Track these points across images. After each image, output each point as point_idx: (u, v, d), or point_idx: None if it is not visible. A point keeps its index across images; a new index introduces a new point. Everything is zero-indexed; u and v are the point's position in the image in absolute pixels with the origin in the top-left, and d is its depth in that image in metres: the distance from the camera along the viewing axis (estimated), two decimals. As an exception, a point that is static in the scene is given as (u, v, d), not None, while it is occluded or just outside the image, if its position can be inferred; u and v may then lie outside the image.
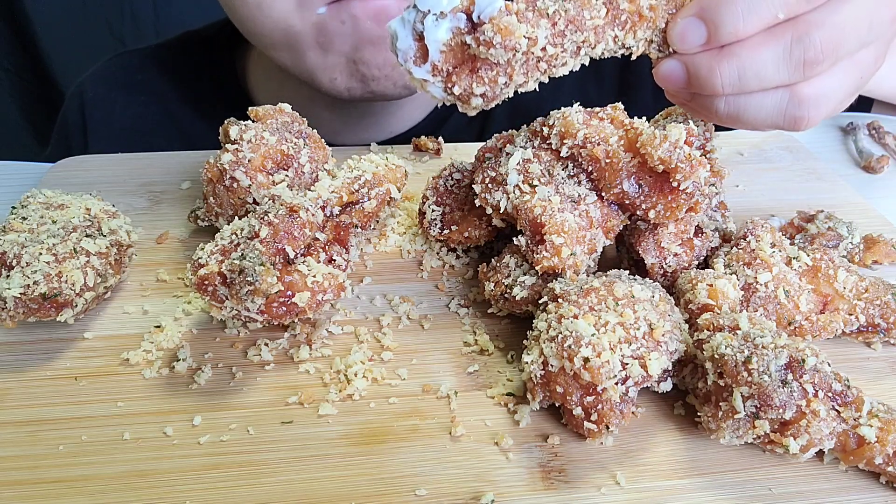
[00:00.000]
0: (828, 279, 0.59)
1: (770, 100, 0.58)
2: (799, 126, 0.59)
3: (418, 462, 0.50)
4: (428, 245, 0.71)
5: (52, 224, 0.60)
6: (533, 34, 0.54)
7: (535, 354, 0.51)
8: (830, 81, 0.58)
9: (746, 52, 0.56)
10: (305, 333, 0.60)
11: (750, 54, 0.56)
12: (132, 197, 0.77)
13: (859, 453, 0.48)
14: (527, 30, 0.54)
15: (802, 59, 0.55)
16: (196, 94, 1.08)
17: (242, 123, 0.67)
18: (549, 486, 0.49)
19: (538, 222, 0.57)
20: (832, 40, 0.55)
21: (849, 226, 0.68)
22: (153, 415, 0.53)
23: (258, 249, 0.53)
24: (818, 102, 0.58)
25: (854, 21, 0.55)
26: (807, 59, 0.55)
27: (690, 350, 0.53)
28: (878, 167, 0.89)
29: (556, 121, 0.60)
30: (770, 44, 0.55)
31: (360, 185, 0.65)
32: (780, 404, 0.46)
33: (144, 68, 1.11)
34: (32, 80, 1.91)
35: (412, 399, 0.55)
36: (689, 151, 0.55)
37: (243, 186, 0.64)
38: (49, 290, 0.54)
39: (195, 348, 0.58)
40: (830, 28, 0.55)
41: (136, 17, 1.84)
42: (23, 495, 0.47)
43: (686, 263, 0.61)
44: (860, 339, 0.60)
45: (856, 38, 0.56)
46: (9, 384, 0.55)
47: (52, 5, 1.80)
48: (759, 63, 0.56)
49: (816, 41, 0.55)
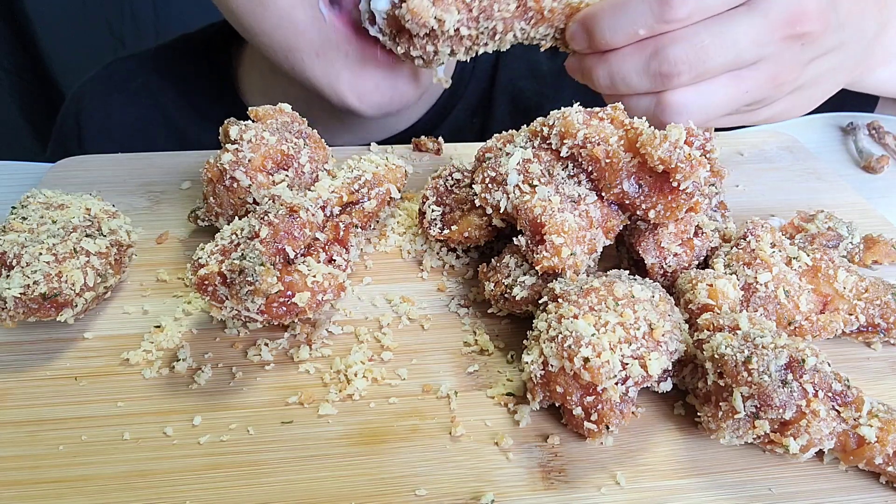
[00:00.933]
0: (828, 279, 0.59)
1: (641, 102, 0.67)
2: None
3: (418, 462, 0.50)
4: (428, 245, 0.71)
5: (52, 224, 0.60)
6: (442, 17, 0.66)
7: (535, 354, 0.51)
8: (697, 92, 0.65)
9: (615, 60, 0.66)
10: (305, 333, 0.60)
11: (617, 62, 0.66)
12: (132, 197, 0.77)
13: (859, 453, 0.48)
14: (436, 13, 0.66)
15: (658, 71, 0.64)
16: (194, 98, 1.08)
17: (242, 123, 0.67)
18: (549, 486, 0.49)
19: (538, 222, 0.57)
20: (688, 57, 0.63)
21: (849, 226, 0.68)
22: (153, 415, 0.53)
23: (258, 249, 0.53)
24: (683, 110, 0.66)
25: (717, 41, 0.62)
26: (662, 71, 0.63)
27: (690, 350, 0.53)
28: (878, 167, 0.89)
29: (556, 121, 0.60)
30: (633, 55, 0.65)
31: (360, 185, 0.65)
32: (780, 404, 0.46)
33: (142, 72, 1.11)
34: (32, 80, 1.91)
35: (412, 399, 0.55)
36: (689, 151, 0.55)
37: (243, 186, 0.64)
38: (49, 290, 0.54)
39: (195, 348, 0.58)
40: (688, 46, 0.62)
41: (136, 17, 1.84)
42: (23, 495, 0.47)
43: (686, 263, 0.61)
44: (860, 339, 0.60)
45: (722, 57, 0.63)
46: (9, 384, 0.55)
47: (52, 5, 1.80)
48: (625, 71, 0.65)
49: (671, 56, 0.63)
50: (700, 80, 0.65)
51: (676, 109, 0.66)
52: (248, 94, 1.07)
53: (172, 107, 1.08)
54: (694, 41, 0.62)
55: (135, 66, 1.13)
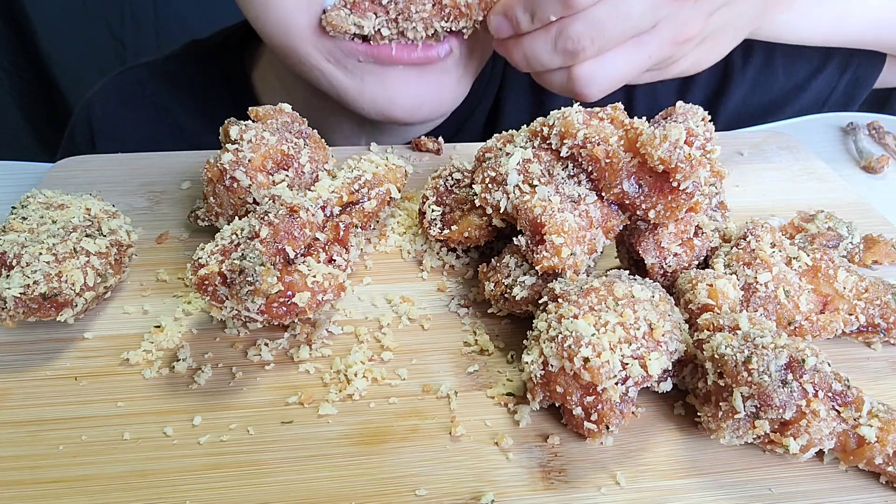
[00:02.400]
0: (828, 279, 0.59)
1: (554, 78, 0.76)
2: (584, 98, 0.75)
3: (418, 462, 0.50)
4: (428, 245, 0.71)
5: (52, 224, 0.60)
6: (360, 23, 0.74)
7: (535, 354, 0.51)
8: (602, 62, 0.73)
9: (527, 43, 0.73)
10: (305, 333, 0.60)
11: (530, 44, 0.73)
12: (132, 197, 0.77)
13: (859, 453, 0.48)
14: (354, 20, 0.74)
15: (564, 48, 0.71)
16: (208, 107, 1.05)
17: (243, 123, 0.67)
18: (549, 486, 0.49)
19: (538, 222, 0.57)
20: (589, 33, 0.70)
21: (849, 226, 0.68)
22: (153, 415, 0.53)
23: (258, 249, 0.53)
24: (592, 80, 0.73)
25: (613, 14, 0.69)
26: (568, 48, 0.71)
27: (690, 350, 0.53)
28: (878, 167, 0.89)
29: (556, 121, 0.60)
30: (542, 37, 0.72)
31: (360, 185, 0.65)
32: (780, 404, 0.46)
33: (152, 83, 1.09)
34: (32, 80, 1.91)
35: (412, 399, 0.55)
36: (689, 151, 0.55)
37: (243, 186, 0.64)
38: (49, 289, 0.54)
39: (195, 348, 0.58)
40: (587, 23, 0.69)
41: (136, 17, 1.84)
42: (23, 495, 0.47)
43: (686, 263, 0.61)
44: (860, 339, 0.60)
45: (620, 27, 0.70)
46: (9, 384, 0.55)
47: (52, 5, 1.80)
48: (537, 51, 0.73)
49: (573, 34, 0.70)
50: (603, 51, 0.72)
51: (586, 81, 0.73)
52: (266, 99, 1.05)
53: (186, 118, 1.06)
54: (592, 17, 0.69)
55: (145, 77, 1.11)
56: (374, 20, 0.75)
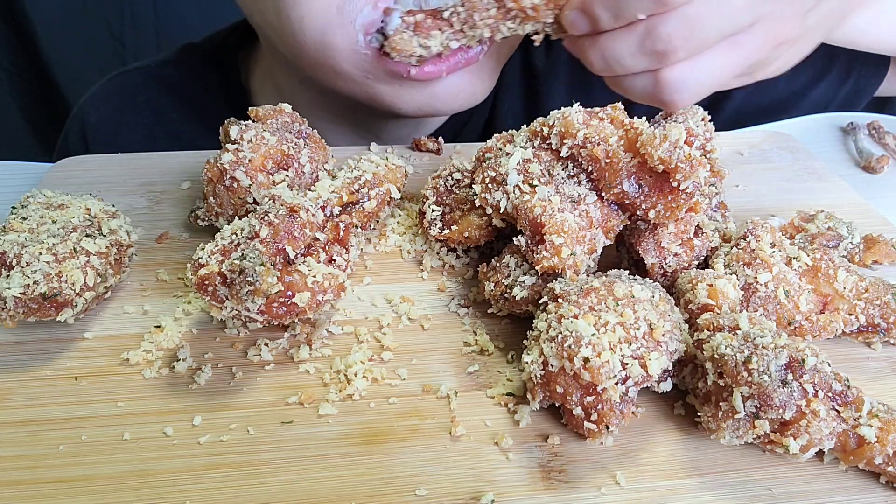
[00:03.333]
0: (828, 279, 0.59)
1: (637, 82, 0.66)
2: (670, 107, 0.66)
3: (418, 462, 0.50)
4: (428, 245, 0.71)
5: (52, 224, 0.60)
6: (426, 43, 0.71)
7: (535, 354, 0.51)
8: (694, 66, 0.63)
9: (608, 43, 0.64)
10: (305, 333, 0.60)
11: (611, 44, 0.64)
12: (132, 197, 0.77)
13: (859, 453, 0.48)
14: (419, 41, 0.71)
15: (653, 49, 0.62)
16: (204, 112, 1.04)
17: (243, 123, 0.67)
18: (549, 486, 0.49)
19: (538, 222, 0.57)
20: (682, 32, 0.60)
21: (849, 226, 0.68)
22: (153, 415, 0.53)
23: (258, 249, 0.53)
24: (682, 86, 0.64)
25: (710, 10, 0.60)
26: (657, 49, 0.61)
27: (690, 350, 0.53)
28: (878, 167, 0.89)
29: (556, 121, 0.60)
30: (625, 36, 0.63)
31: (360, 185, 0.65)
32: (780, 404, 0.46)
33: (147, 88, 1.08)
34: (32, 80, 1.91)
35: (412, 399, 0.55)
36: (689, 151, 0.55)
37: (243, 186, 0.64)
38: (49, 289, 0.54)
39: (195, 348, 0.58)
40: (680, 21, 0.60)
41: (136, 17, 1.84)
42: (23, 495, 0.47)
43: (686, 263, 0.61)
44: (860, 339, 0.60)
45: (717, 26, 0.61)
46: (9, 384, 0.55)
47: (52, 5, 1.80)
48: (619, 52, 0.63)
49: (664, 32, 0.61)
50: (696, 53, 0.63)
51: (675, 86, 0.64)
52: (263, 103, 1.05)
53: (182, 123, 1.05)
54: (686, 14, 0.60)
55: (140, 82, 1.09)
56: (440, 37, 0.71)
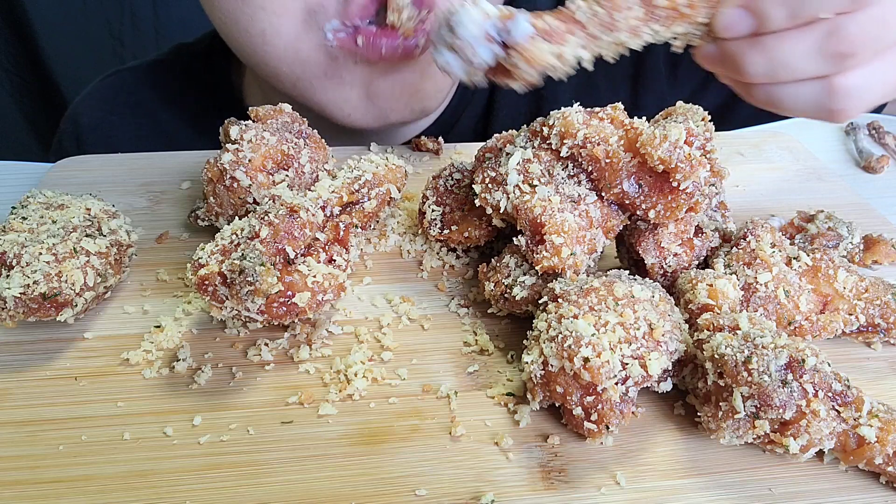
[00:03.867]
0: (828, 279, 0.59)
1: (805, 90, 0.58)
2: (836, 118, 0.59)
3: (418, 462, 0.50)
4: (428, 245, 0.71)
5: (52, 224, 0.60)
6: (561, 52, 0.58)
7: (535, 354, 0.51)
8: (871, 72, 0.57)
9: (777, 44, 0.56)
10: (305, 333, 0.60)
11: (781, 46, 0.56)
12: (132, 197, 0.77)
13: (859, 453, 0.48)
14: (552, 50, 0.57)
15: (835, 52, 0.54)
16: (194, 113, 1.04)
17: (243, 123, 0.68)
18: (549, 486, 0.49)
19: (538, 222, 0.57)
20: (869, 32, 0.54)
21: (849, 226, 0.68)
22: (153, 415, 0.53)
23: (258, 249, 0.53)
24: (856, 94, 0.57)
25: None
26: (840, 51, 0.54)
27: (690, 350, 0.53)
28: (878, 167, 0.89)
29: (556, 121, 0.60)
30: (802, 36, 0.55)
31: (360, 185, 0.65)
32: (780, 404, 0.46)
33: (139, 88, 1.08)
34: (32, 80, 1.91)
35: (412, 399, 0.55)
36: (689, 151, 0.55)
37: (243, 186, 0.65)
38: (49, 289, 0.54)
39: (195, 348, 0.58)
40: (868, 19, 0.54)
41: (136, 16, 1.84)
42: (23, 495, 0.47)
43: (686, 263, 0.61)
44: (860, 339, 0.60)
45: None
46: (9, 384, 0.55)
47: (52, 5, 1.80)
48: (790, 54, 0.56)
49: (850, 33, 0.54)
50: (874, 59, 0.56)
51: (847, 94, 0.57)
52: (253, 103, 1.04)
53: (173, 125, 1.05)
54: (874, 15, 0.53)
55: (132, 82, 1.09)
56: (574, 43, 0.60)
